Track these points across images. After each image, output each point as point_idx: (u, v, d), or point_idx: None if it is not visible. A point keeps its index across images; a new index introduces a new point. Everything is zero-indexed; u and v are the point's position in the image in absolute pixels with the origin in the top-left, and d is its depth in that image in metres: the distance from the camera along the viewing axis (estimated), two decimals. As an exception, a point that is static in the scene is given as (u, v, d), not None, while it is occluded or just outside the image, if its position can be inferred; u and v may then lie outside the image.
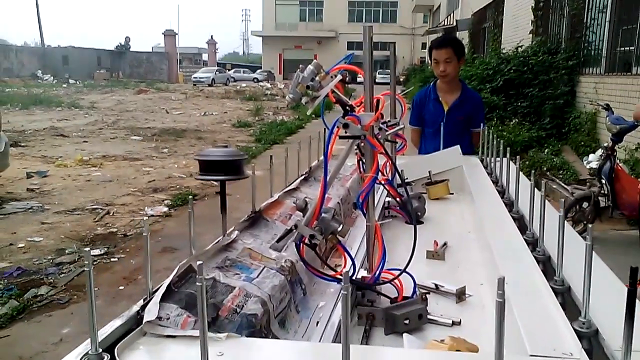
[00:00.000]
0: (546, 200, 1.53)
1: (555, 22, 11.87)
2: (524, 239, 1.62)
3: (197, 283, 0.80)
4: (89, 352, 0.90)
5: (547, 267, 1.47)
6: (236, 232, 1.44)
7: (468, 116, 3.47)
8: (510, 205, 2.10)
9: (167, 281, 1.10)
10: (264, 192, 1.73)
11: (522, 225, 1.82)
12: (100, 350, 0.92)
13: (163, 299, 1.06)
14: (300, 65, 1.28)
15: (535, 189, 1.67)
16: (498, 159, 2.57)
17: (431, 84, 3.66)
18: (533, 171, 1.75)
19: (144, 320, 1.01)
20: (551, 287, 1.29)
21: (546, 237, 1.49)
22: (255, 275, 1.27)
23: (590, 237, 1.06)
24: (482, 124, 3.66)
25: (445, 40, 3.59)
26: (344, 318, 0.75)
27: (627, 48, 8.67)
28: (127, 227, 5.90)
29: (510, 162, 2.39)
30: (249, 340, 1.00)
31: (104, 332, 0.98)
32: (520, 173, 2.08)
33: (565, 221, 1.47)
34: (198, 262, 0.81)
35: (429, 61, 3.65)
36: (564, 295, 1.28)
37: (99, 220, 6.16)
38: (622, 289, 1.01)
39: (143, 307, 1.05)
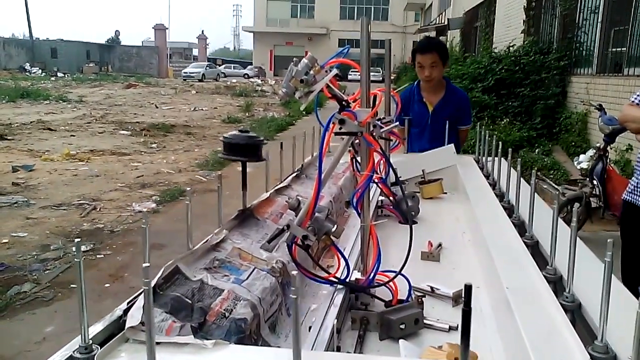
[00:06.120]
0: (543, 202, 1.49)
1: (547, 22, 11.88)
2: (523, 241, 1.58)
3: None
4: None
5: (541, 261, 1.43)
6: (225, 231, 1.38)
7: (454, 115, 3.41)
8: (507, 204, 2.06)
9: (151, 283, 1.04)
10: (254, 189, 1.67)
11: (517, 223, 1.78)
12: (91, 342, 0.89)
13: (147, 303, 1.00)
14: (294, 59, 1.22)
15: (530, 188, 1.62)
16: (492, 157, 2.53)
17: (414, 84, 3.58)
18: (534, 171, 1.71)
19: (127, 326, 0.96)
20: (549, 285, 1.24)
21: (545, 237, 1.45)
22: (245, 277, 1.22)
23: (611, 255, 0.98)
24: (469, 122, 3.62)
25: (431, 44, 3.46)
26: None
27: (619, 49, 8.68)
28: (114, 223, 5.80)
29: (504, 160, 2.35)
30: (238, 348, 0.95)
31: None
32: (515, 172, 2.04)
33: (561, 221, 1.43)
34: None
35: (413, 64, 3.53)
36: (574, 313, 1.18)
37: (86, 215, 6.06)
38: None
39: (126, 311, 1.00)
